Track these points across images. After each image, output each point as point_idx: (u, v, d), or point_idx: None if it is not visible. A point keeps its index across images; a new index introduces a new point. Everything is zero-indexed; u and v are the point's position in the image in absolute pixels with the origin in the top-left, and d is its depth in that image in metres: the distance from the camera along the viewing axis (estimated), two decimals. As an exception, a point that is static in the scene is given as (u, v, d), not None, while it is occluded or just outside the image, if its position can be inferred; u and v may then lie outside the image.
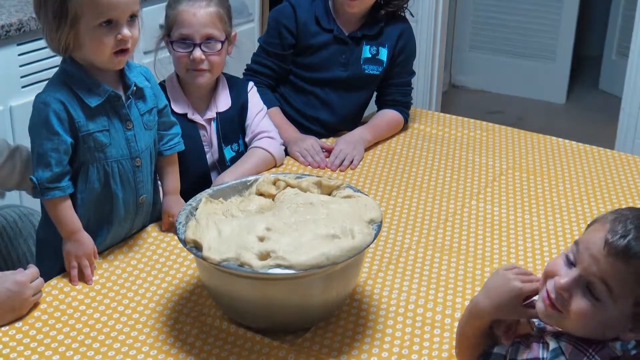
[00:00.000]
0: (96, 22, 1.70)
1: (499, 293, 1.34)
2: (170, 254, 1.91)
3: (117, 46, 1.74)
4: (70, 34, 1.71)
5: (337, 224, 1.59)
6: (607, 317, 1.23)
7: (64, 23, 1.69)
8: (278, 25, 2.52)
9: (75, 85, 1.76)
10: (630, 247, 1.21)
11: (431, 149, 2.55)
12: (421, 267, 1.88)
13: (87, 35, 1.72)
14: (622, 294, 1.22)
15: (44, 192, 1.76)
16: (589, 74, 5.43)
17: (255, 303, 1.58)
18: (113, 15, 1.71)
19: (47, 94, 1.76)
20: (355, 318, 1.69)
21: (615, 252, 1.21)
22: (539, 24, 5.07)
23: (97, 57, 1.76)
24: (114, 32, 1.72)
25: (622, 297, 1.22)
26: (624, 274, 1.21)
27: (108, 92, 1.79)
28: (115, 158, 1.82)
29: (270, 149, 2.32)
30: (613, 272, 1.22)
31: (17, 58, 2.56)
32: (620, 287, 1.22)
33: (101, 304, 1.73)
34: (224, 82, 2.32)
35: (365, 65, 2.55)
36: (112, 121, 1.81)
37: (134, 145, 1.85)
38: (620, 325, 1.24)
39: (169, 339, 1.62)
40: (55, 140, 1.74)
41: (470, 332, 1.41)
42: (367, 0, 2.46)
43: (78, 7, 1.68)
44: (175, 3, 2.19)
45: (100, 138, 1.79)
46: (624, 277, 1.21)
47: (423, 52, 3.95)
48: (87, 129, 1.77)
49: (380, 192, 2.26)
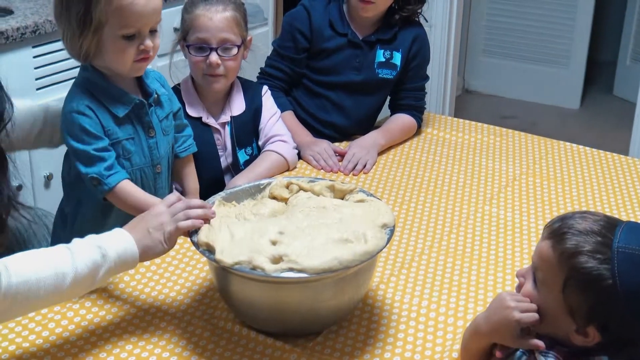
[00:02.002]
0: (120, 32, 1.70)
1: (498, 319, 1.33)
2: (183, 257, 1.92)
3: (139, 55, 1.75)
4: (93, 41, 1.71)
5: (349, 228, 1.58)
6: (547, 307, 1.27)
7: (87, 30, 1.69)
8: (292, 29, 2.53)
9: (100, 94, 1.77)
10: (556, 230, 1.26)
11: (444, 154, 2.54)
12: (434, 272, 1.87)
13: (109, 44, 1.72)
14: (551, 280, 1.26)
15: (110, 179, 1.75)
16: (603, 79, 5.42)
17: (267, 306, 1.58)
18: (138, 27, 1.71)
19: (76, 103, 1.76)
20: (367, 322, 1.69)
21: (543, 237, 1.29)
22: (553, 29, 5.06)
23: (118, 65, 1.76)
24: (137, 42, 1.73)
25: (551, 282, 1.26)
26: (551, 258, 1.25)
27: (134, 100, 1.80)
28: (139, 166, 1.83)
29: (284, 152, 2.32)
30: (542, 255, 1.28)
31: (32, 60, 2.57)
32: (549, 272, 1.26)
33: (114, 305, 1.73)
34: (238, 86, 2.33)
35: (379, 69, 2.55)
36: (136, 129, 1.82)
37: (155, 152, 1.86)
38: (562, 320, 1.26)
39: (181, 342, 1.62)
40: (98, 141, 1.76)
41: (474, 348, 1.41)
42: (381, 5, 2.46)
43: (103, 15, 1.68)
44: (191, 7, 2.19)
45: (128, 146, 1.80)
46: (551, 262, 1.25)
47: (437, 57, 3.95)
48: (116, 137, 1.79)
49: (393, 197, 2.25)
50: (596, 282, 1.20)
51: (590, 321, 1.23)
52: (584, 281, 1.22)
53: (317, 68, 2.56)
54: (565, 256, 1.23)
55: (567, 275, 1.23)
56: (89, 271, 1.45)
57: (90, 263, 1.45)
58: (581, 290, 1.22)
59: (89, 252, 1.46)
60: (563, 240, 1.25)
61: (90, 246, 1.47)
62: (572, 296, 1.24)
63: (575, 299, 1.23)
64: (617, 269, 1.19)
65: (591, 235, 1.23)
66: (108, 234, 1.52)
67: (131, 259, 1.53)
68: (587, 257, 1.21)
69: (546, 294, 1.27)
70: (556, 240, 1.26)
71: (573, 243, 1.23)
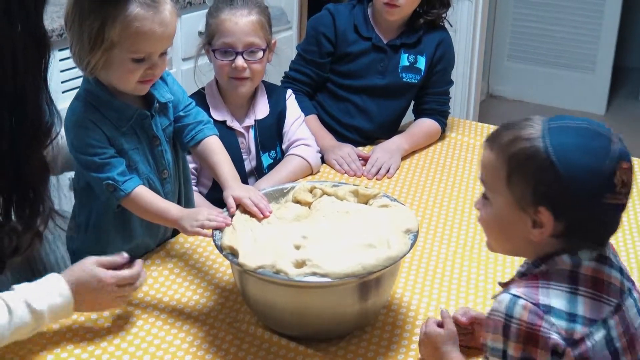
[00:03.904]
0: (130, 55, 1.68)
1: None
2: (207, 260, 1.92)
3: (144, 77, 1.74)
4: (101, 59, 1.68)
5: (373, 233, 1.58)
6: (499, 214, 1.30)
7: (97, 48, 1.66)
8: (317, 34, 2.53)
9: (103, 107, 1.75)
10: (492, 134, 1.31)
11: (468, 159, 2.53)
12: (458, 278, 1.86)
13: (117, 63, 1.69)
14: (497, 181, 1.28)
15: (126, 185, 1.74)
16: (629, 85, 5.38)
17: (290, 310, 1.58)
18: (148, 52, 1.70)
19: (78, 116, 1.75)
20: (391, 328, 1.68)
21: (484, 144, 1.32)
22: (579, 34, 5.03)
23: (122, 84, 1.74)
24: (145, 65, 1.71)
25: (497, 184, 1.28)
26: (492, 158, 1.29)
27: (136, 112, 1.79)
28: (145, 174, 1.82)
29: (307, 156, 2.32)
30: (484, 162, 1.32)
31: (58, 63, 2.58)
32: (492, 174, 1.29)
33: (137, 307, 1.74)
34: (262, 89, 2.33)
35: (403, 73, 2.55)
36: (140, 139, 1.81)
37: (161, 160, 1.85)
38: (517, 222, 1.28)
39: (204, 345, 1.62)
40: (104, 151, 1.74)
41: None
42: (407, 8, 2.45)
43: (116, 37, 1.65)
44: (216, 12, 2.20)
45: (133, 156, 1.79)
46: (492, 163, 1.29)
47: (461, 62, 3.94)
48: (121, 147, 1.77)
49: (417, 202, 2.24)
50: (533, 159, 1.23)
51: (537, 203, 1.24)
52: (523, 162, 1.24)
53: (342, 72, 2.56)
54: (502, 147, 1.27)
55: (508, 166, 1.26)
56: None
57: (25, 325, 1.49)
58: (522, 174, 1.24)
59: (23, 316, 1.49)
60: (499, 137, 1.29)
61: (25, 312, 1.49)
62: (517, 186, 1.26)
63: (520, 186, 1.25)
64: (550, 140, 1.22)
65: (521, 125, 1.27)
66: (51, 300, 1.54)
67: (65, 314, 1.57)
68: (522, 140, 1.25)
69: (496, 200, 1.30)
70: (492, 141, 1.30)
71: (508, 135, 1.27)
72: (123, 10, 1.64)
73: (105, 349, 1.60)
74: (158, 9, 1.67)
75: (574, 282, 1.24)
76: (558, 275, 1.25)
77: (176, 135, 1.91)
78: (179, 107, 1.90)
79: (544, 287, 1.24)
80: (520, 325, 1.21)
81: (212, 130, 1.93)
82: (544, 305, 1.21)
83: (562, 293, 1.23)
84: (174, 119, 1.89)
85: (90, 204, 1.87)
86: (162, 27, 1.68)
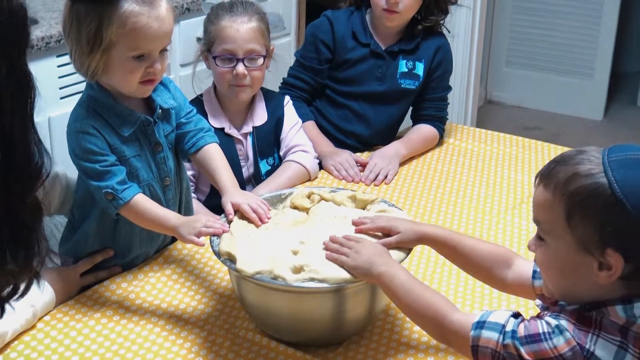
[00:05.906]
0: (130, 53, 1.69)
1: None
2: (204, 266, 1.92)
3: (146, 77, 1.74)
4: (101, 60, 1.68)
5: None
6: (562, 258, 1.21)
7: (97, 49, 1.67)
8: (315, 40, 2.53)
9: (106, 113, 1.75)
10: (545, 171, 1.23)
11: (466, 164, 2.53)
12: (456, 282, 1.87)
13: (117, 64, 1.70)
14: (555, 222, 1.20)
15: (125, 193, 1.73)
16: (627, 90, 5.38)
17: (288, 316, 1.58)
18: (147, 49, 1.70)
19: (80, 123, 1.74)
20: (389, 333, 1.69)
21: (536, 182, 1.24)
22: (577, 40, 5.03)
23: (124, 86, 1.74)
24: (145, 63, 1.71)
25: (555, 225, 1.20)
26: (547, 198, 1.21)
27: (139, 118, 1.79)
28: (147, 181, 1.82)
29: (305, 162, 2.32)
30: (538, 201, 1.23)
31: (56, 69, 2.59)
32: (549, 215, 1.21)
33: (135, 314, 1.74)
34: (260, 96, 2.33)
35: (402, 79, 2.55)
36: (142, 146, 1.81)
37: (163, 167, 1.85)
38: (581, 264, 1.19)
39: (202, 351, 1.62)
40: (105, 159, 1.74)
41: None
42: (406, 15, 2.46)
43: (114, 36, 1.66)
44: (216, 18, 2.20)
45: (135, 163, 1.79)
46: (548, 202, 1.21)
47: (459, 67, 3.94)
48: (123, 154, 1.77)
49: (415, 207, 2.25)
50: (596, 197, 1.15)
51: (605, 245, 1.15)
52: (585, 201, 1.16)
53: (340, 78, 2.56)
54: (560, 186, 1.19)
55: (567, 205, 1.18)
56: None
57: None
58: (585, 213, 1.16)
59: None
60: (553, 173, 1.21)
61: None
62: (579, 226, 1.17)
63: (583, 227, 1.17)
64: (613, 175, 1.14)
65: (577, 160, 1.20)
66: None
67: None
68: (581, 177, 1.17)
69: (555, 242, 1.22)
70: (547, 179, 1.22)
71: (564, 172, 1.19)
72: (118, 9, 1.65)
73: (103, 356, 1.60)
74: (153, 5, 1.68)
75: (624, 337, 1.16)
76: (609, 327, 1.17)
77: (177, 142, 1.91)
78: (180, 113, 1.91)
79: (593, 334, 1.17)
80: (552, 350, 1.16)
81: (213, 138, 1.94)
82: (587, 350, 1.15)
83: (610, 345, 1.16)
84: (175, 125, 1.90)
85: (88, 211, 1.86)
86: (158, 22, 1.69)
